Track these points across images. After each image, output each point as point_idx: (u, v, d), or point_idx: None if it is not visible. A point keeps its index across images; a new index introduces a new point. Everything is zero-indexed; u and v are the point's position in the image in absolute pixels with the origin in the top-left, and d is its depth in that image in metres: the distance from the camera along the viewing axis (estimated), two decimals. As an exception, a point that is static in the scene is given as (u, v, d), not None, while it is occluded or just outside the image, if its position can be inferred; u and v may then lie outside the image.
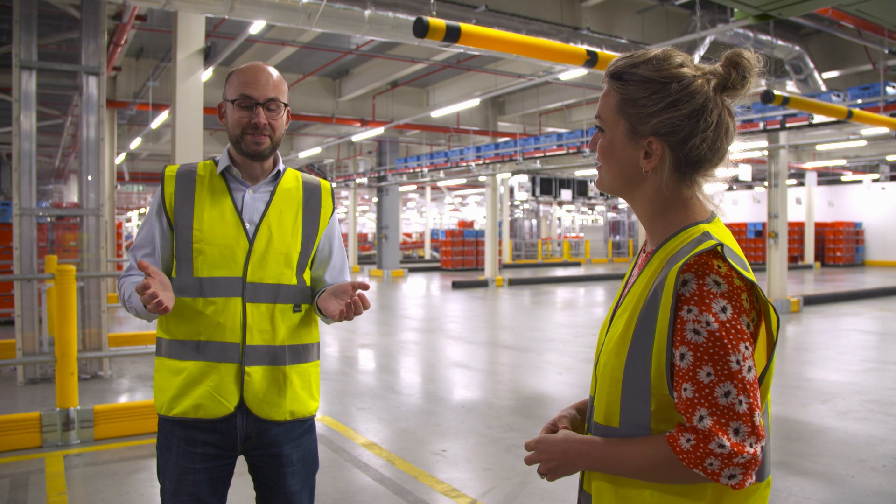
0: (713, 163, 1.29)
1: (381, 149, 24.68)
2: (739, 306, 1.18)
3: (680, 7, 11.66)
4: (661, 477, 1.22)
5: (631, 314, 1.27)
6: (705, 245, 1.20)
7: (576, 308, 15.09)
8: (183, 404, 1.94)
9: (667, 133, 1.26)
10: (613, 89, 1.31)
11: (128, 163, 26.41)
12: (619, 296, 1.43)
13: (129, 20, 8.79)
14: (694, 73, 1.26)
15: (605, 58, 5.44)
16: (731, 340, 1.15)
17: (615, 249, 36.90)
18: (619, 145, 1.31)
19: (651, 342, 1.22)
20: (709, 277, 1.18)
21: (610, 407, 1.29)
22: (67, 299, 5.23)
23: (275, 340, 1.98)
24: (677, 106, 1.24)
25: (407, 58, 14.99)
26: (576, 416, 1.48)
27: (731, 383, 1.15)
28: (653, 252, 1.33)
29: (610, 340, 1.32)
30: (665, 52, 1.29)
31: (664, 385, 1.21)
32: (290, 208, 2.06)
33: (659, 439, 1.21)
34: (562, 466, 1.32)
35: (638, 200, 1.35)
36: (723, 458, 1.14)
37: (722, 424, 1.14)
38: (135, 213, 58.73)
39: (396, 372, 8.08)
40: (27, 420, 5.01)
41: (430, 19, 4.48)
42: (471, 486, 4.27)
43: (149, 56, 14.88)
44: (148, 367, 7.85)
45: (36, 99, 6.97)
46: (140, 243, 2.02)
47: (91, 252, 7.28)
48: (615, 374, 1.28)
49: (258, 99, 1.96)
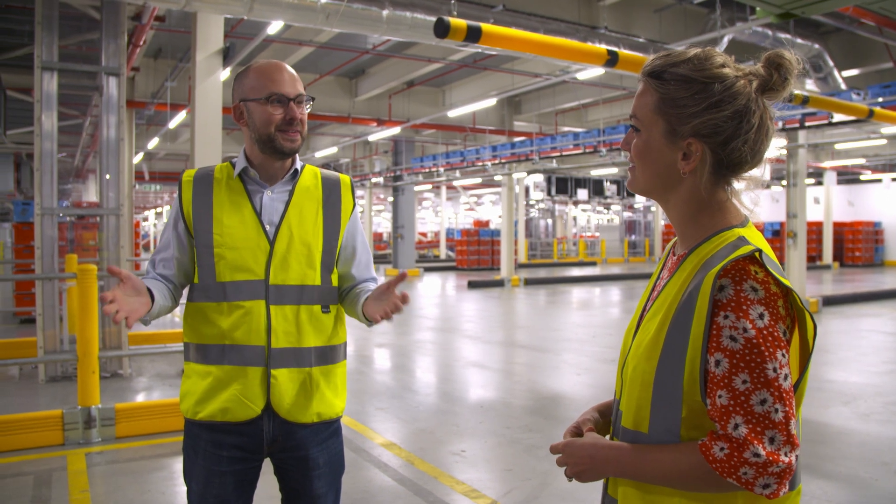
0: (751, 165, 1.27)
1: (397, 148, 24.70)
2: (776, 313, 1.16)
3: (698, 6, 11.59)
4: (692, 485, 1.20)
5: (663, 318, 1.25)
6: (743, 250, 1.18)
7: (592, 308, 15.03)
8: (209, 408, 1.93)
9: (708, 134, 1.24)
10: (651, 88, 1.29)
11: (145, 162, 26.58)
12: (646, 298, 1.41)
13: (149, 21, 8.84)
14: (736, 73, 1.24)
15: (626, 57, 5.41)
16: (768, 348, 1.14)
17: (631, 249, 36.73)
18: (656, 146, 1.29)
19: (685, 347, 1.20)
20: (746, 283, 1.16)
21: (639, 412, 1.28)
22: (89, 298, 5.27)
23: (300, 342, 1.97)
24: (720, 107, 1.22)
25: (423, 57, 14.99)
26: (599, 419, 1.47)
27: (768, 391, 1.13)
28: (685, 255, 1.30)
29: (640, 344, 1.30)
30: (705, 51, 1.27)
31: (697, 391, 1.19)
32: (310, 206, 2.03)
33: (690, 447, 1.19)
34: (588, 471, 1.30)
35: (672, 202, 1.33)
36: (757, 468, 1.12)
37: (757, 433, 1.13)
38: (151, 213, 59.11)
39: (414, 371, 8.09)
40: (49, 418, 5.06)
41: (451, 20, 4.47)
42: (491, 486, 4.26)
43: (167, 57, 14.97)
44: (167, 366, 7.90)
45: (57, 99, 7.03)
46: (161, 247, 2.03)
47: (111, 251, 7.34)
48: (645, 379, 1.26)
49: (289, 95, 1.95)
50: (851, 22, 10.59)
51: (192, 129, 7.56)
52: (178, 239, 2.01)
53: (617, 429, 1.36)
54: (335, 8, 6.87)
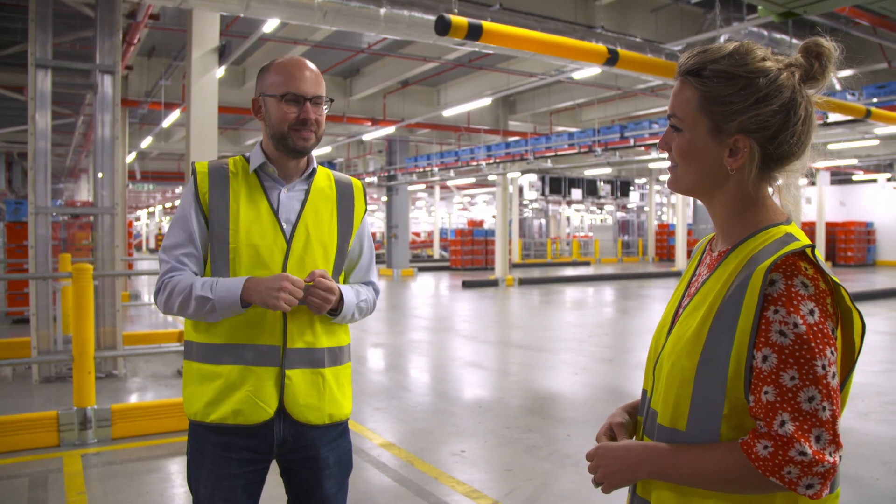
0: (797, 157, 1.26)
1: (391, 148, 24.65)
2: (825, 310, 1.15)
3: (694, 6, 11.60)
4: (732, 486, 1.17)
5: (705, 314, 1.23)
6: (794, 246, 1.17)
7: (587, 308, 15.02)
8: (221, 410, 1.88)
9: (755, 129, 1.22)
10: (691, 86, 1.26)
11: (138, 162, 26.47)
12: (680, 295, 1.39)
13: (143, 19, 8.78)
14: (778, 66, 1.23)
15: (626, 56, 5.40)
16: (818, 344, 1.12)
17: (624, 249, 36.78)
18: (701, 144, 1.26)
19: (730, 343, 1.17)
20: (797, 279, 1.15)
21: (677, 409, 1.25)
22: (85, 298, 5.22)
23: (316, 343, 1.94)
24: (767, 101, 1.21)
25: (418, 56, 14.96)
26: (629, 421, 1.44)
27: (816, 388, 1.11)
28: (728, 251, 1.28)
29: (678, 340, 1.27)
30: (745, 45, 1.25)
31: (741, 388, 1.17)
32: (325, 208, 2.01)
33: (731, 446, 1.17)
34: (620, 472, 1.27)
35: (717, 200, 1.31)
36: (802, 467, 1.10)
37: (804, 430, 1.10)
38: (144, 213, 58.89)
39: (410, 371, 8.05)
40: (44, 419, 5.00)
41: (451, 17, 4.44)
42: (492, 487, 4.24)
43: (161, 55, 14.90)
44: (162, 367, 7.85)
45: (51, 98, 6.97)
46: (178, 242, 1.93)
47: (105, 251, 7.28)
48: (685, 375, 1.23)
49: (306, 95, 1.92)
50: (847, 22, 10.61)
51: (187, 128, 7.51)
52: (199, 230, 1.93)
53: (650, 428, 1.33)
54: (333, 6, 6.83)
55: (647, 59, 6.20)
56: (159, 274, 1.95)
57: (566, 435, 5.32)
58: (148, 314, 13.37)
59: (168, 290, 1.89)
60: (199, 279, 1.87)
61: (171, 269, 1.92)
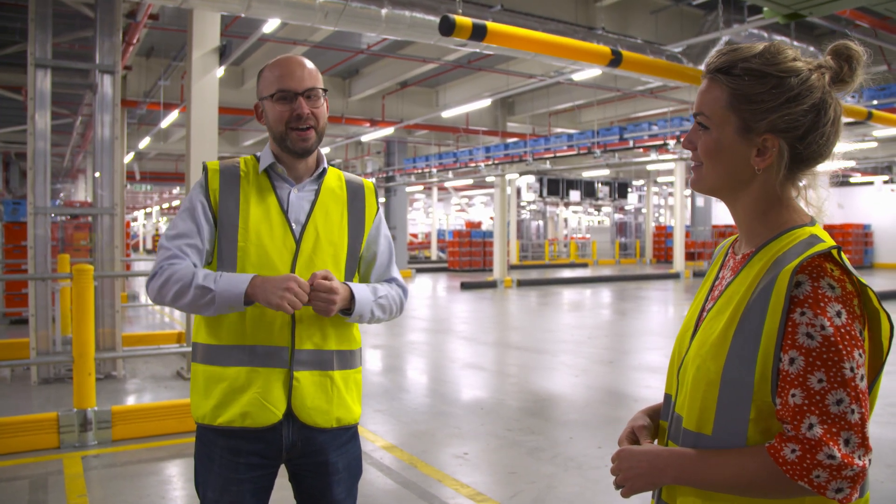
0: (824, 158, 1.26)
1: (390, 149, 24.64)
2: (853, 312, 1.14)
3: (694, 7, 11.60)
4: (759, 491, 1.16)
5: (730, 317, 1.21)
6: (820, 247, 1.16)
7: (586, 309, 15.01)
8: (228, 413, 1.85)
9: (785, 129, 1.21)
10: (721, 84, 1.25)
11: (136, 162, 26.41)
12: (703, 299, 1.38)
13: (143, 19, 8.75)
14: (808, 66, 1.22)
15: (630, 57, 5.39)
16: (845, 346, 1.10)
17: (622, 251, 36.78)
18: (729, 143, 1.25)
19: (756, 345, 1.16)
20: (823, 280, 1.13)
21: (703, 413, 1.23)
22: (85, 299, 5.18)
23: (324, 344, 1.91)
24: (798, 101, 1.20)
25: (418, 57, 14.94)
26: (651, 425, 1.43)
27: (844, 391, 1.10)
28: (752, 253, 1.27)
29: (703, 344, 1.26)
30: (776, 45, 1.25)
31: (767, 391, 1.16)
32: (335, 208, 1.98)
33: (758, 450, 1.15)
34: (645, 475, 1.25)
35: (742, 200, 1.30)
36: (831, 470, 1.08)
37: (833, 434, 1.09)
38: (141, 213, 58.77)
39: (410, 373, 8.03)
40: (44, 421, 4.97)
41: (456, 17, 4.42)
42: (495, 490, 4.21)
43: (160, 55, 14.86)
44: (162, 368, 7.81)
45: (50, 97, 6.94)
46: (182, 232, 1.88)
47: (104, 251, 7.24)
48: (711, 379, 1.22)
49: (296, 89, 1.88)
50: (847, 25, 10.62)
51: (187, 129, 7.47)
52: (207, 225, 1.89)
53: (675, 433, 1.32)
54: (334, 6, 6.81)
55: (650, 60, 6.19)
56: (157, 259, 1.89)
57: (569, 437, 5.30)
58: (146, 315, 13.34)
59: (164, 276, 1.84)
60: (201, 270, 1.83)
61: (171, 256, 1.86)
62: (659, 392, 7.23)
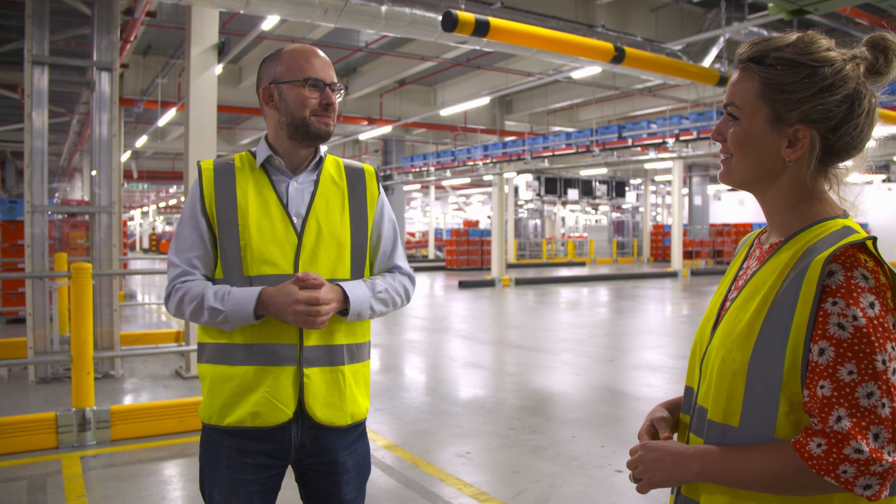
0: (857, 151, 1.22)
1: (387, 147, 24.61)
2: (886, 304, 1.11)
3: (694, 5, 11.57)
4: (786, 487, 1.13)
5: (758, 306, 1.18)
6: (854, 237, 1.13)
7: (585, 308, 14.99)
8: (237, 413, 1.81)
9: (817, 120, 1.19)
10: (753, 74, 1.23)
11: (133, 161, 26.33)
12: (725, 289, 1.35)
13: (140, 16, 8.69)
14: (843, 56, 1.20)
15: (633, 54, 5.35)
16: (878, 338, 1.07)
17: (619, 249, 36.79)
18: (760, 133, 1.23)
19: (786, 335, 1.13)
20: (857, 270, 1.11)
21: (730, 405, 1.21)
22: (84, 298, 5.14)
23: (333, 339, 1.87)
24: (831, 91, 1.17)
25: (416, 55, 14.91)
26: (670, 419, 1.40)
27: (875, 384, 1.06)
28: (781, 243, 1.25)
29: (728, 333, 1.23)
30: (809, 35, 1.22)
31: (797, 382, 1.13)
32: (336, 197, 1.93)
33: (783, 445, 1.13)
34: (664, 471, 1.23)
35: (771, 193, 1.27)
36: (859, 465, 1.05)
37: (862, 427, 1.06)
38: (137, 212, 58.65)
39: (410, 372, 8.00)
40: (43, 420, 4.93)
41: (458, 13, 4.39)
42: (499, 489, 4.18)
43: (157, 53, 14.81)
44: (160, 367, 7.77)
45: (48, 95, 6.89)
46: (187, 246, 1.86)
47: (103, 250, 7.19)
48: (737, 369, 1.19)
49: (326, 80, 1.87)
50: (847, 22, 10.61)
51: (185, 127, 7.42)
52: (202, 235, 1.86)
53: (699, 426, 1.29)
54: (334, 3, 6.77)
55: (652, 56, 6.14)
56: (169, 278, 1.88)
57: (571, 436, 5.27)
58: (143, 314, 13.29)
59: (178, 296, 1.84)
60: (210, 288, 1.81)
61: (182, 274, 1.86)
62: (660, 391, 7.22)
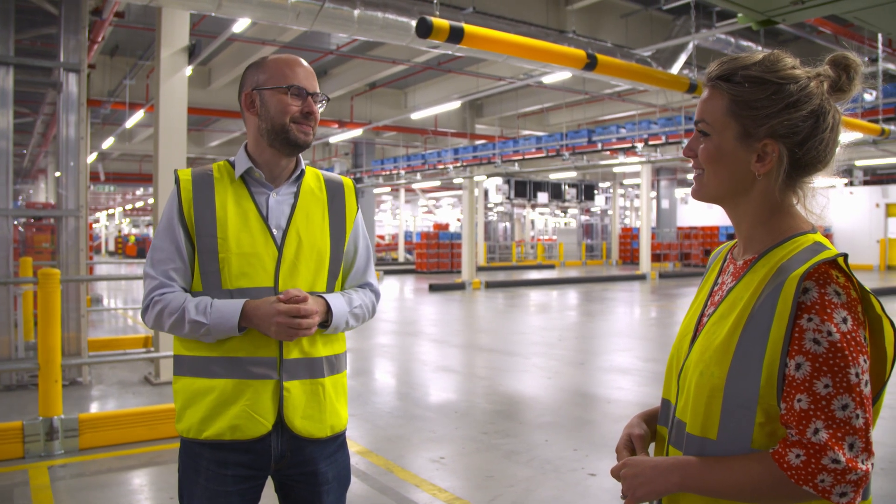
0: (823, 165, 1.28)
1: (357, 150, 24.54)
2: (857, 318, 1.16)
3: (663, 12, 11.72)
4: (765, 496, 1.17)
5: (735, 322, 1.23)
6: (826, 254, 1.18)
7: (555, 311, 15.08)
8: (216, 426, 1.80)
9: (785, 134, 1.24)
10: (723, 91, 1.28)
11: (99, 163, 25.92)
12: (701, 304, 1.40)
13: (109, 17, 8.57)
14: (807, 74, 1.25)
15: (605, 61, 5.41)
16: (851, 352, 1.13)
17: (588, 252, 37.06)
18: (730, 149, 1.28)
19: (763, 350, 1.18)
20: (830, 287, 1.15)
21: (707, 418, 1.25)
22: (52, 304, 5.04)
23: (314, 352, 1.87)
24: (797, 106, 1.22)
25: (387, 59, 14.90)
26: (647, 431, 1.45)
27: (850, 396, 1.12)
28: (755, 259, 1.29)
29: (705, 349, 1.27)
30: (775, 54, 1.28)
31: (773, 395, 1.17)
32: (316, 210, 1.94)
33: (762, 456, 1.17)
34: (646, 485, 1.26)
35: (742, 207, 1.32)
36: (836, 475, 1.10)
37: (838, 438, 1.11)
38: (103, 215, 57.71)
39: (382, 377, 7.98)
40: (9, 430, 4.82)
41: (433, 20, 4.40)
42: (474, 494, 4.19)
43: (124, 54, 14.61)
44: (129, 373, 7.66)
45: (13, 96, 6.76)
46: (164, 258, 1.85)
47: (70, 254, 7.07)
48: (715, 384, 1.24)
49: (309, 89, 1.88)
50: (811, 31, 10.83)
51: (155, 129, 7.33)
52: (179, 244, 1.85)
53: (678, 439, 1.33)
54: (306, 6, 6.74)
55: (624, 64, 6.21)
56: (146, 290, 1.87)
57: (544, 440, 5.30)
58: (109, 318, 13.08)
59: (157, 309, 1.82)
60: (191, 300, 1.80)
61: (159, 286, 1.84)
62: (631, 393, 7.28)
